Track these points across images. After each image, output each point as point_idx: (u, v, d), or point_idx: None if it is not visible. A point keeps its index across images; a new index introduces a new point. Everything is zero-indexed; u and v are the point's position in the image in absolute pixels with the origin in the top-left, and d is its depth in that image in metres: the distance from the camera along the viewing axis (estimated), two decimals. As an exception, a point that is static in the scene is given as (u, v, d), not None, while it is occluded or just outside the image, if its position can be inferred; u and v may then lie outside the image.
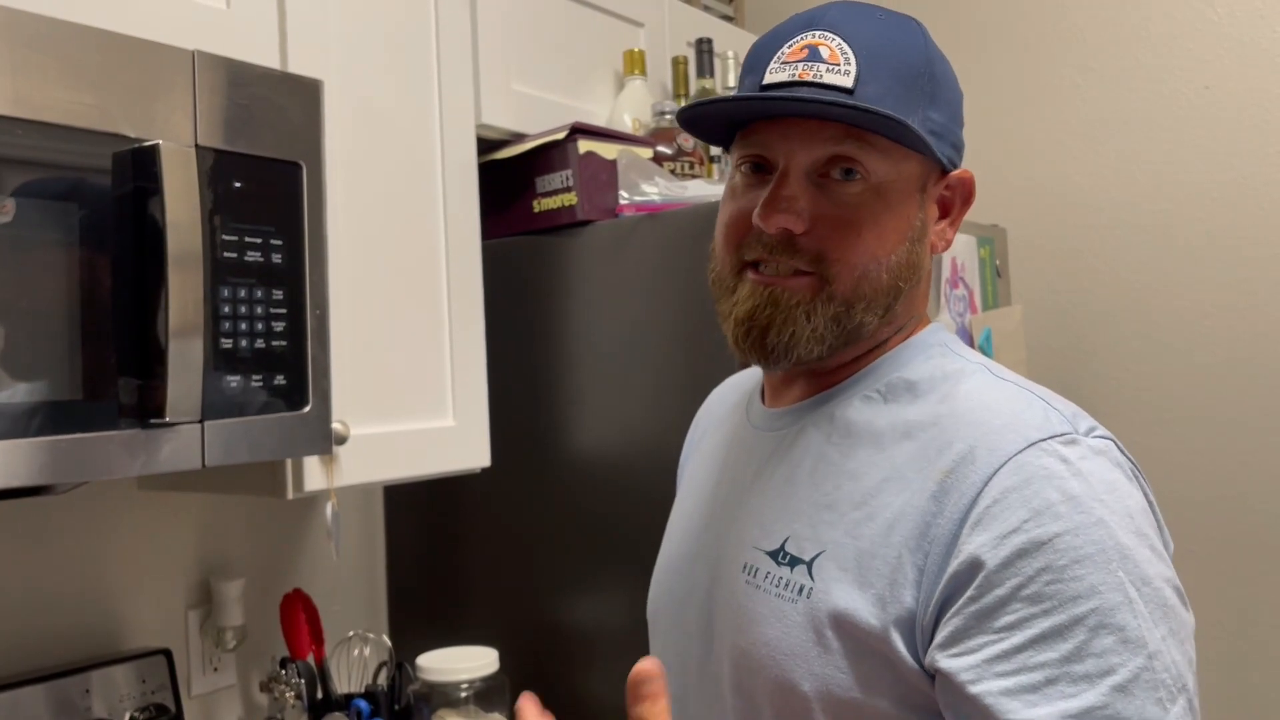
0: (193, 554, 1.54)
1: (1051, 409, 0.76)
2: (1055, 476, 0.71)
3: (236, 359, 1.09)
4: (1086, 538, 0.69)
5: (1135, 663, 0.67)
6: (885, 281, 0.81)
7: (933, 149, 0.81)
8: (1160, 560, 0.72)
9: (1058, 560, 0.69)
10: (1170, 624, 0.70)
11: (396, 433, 1.38)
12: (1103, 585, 0.68)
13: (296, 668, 1.47)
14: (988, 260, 1.90)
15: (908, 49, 0.81)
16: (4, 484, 0.91)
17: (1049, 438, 0.73)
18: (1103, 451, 0.74)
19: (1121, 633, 0.67)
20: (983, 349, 1.82)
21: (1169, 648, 0.69)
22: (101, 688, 1.31)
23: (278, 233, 1.13)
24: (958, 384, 0.80)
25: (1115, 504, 0.71)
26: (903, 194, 0.81)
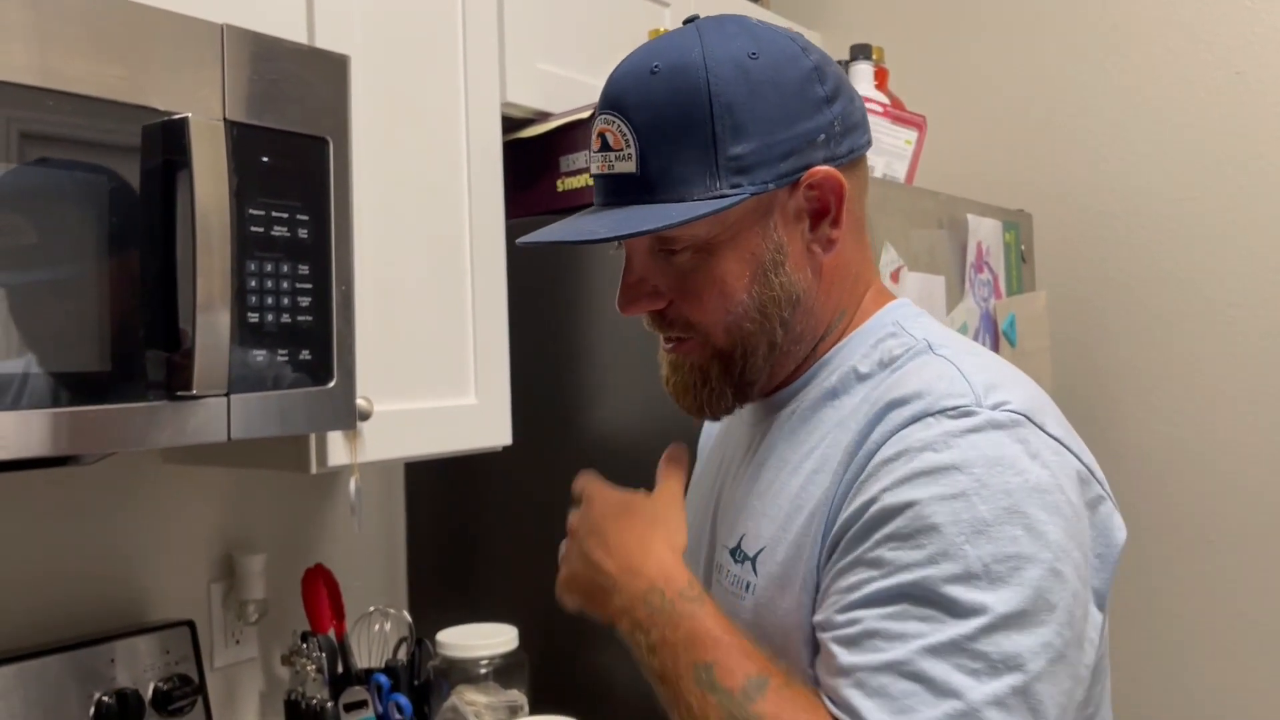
0: (216, 528, 1.55)
1: (961, 380, 0.76)
2: (928, 449, 0.72)
3: (263, 333, 1.09)
4: (940, 508, 0.70)
5: (955, 631, 0.68)
6: (748, 328, 0.83)
7: (741, 193, 0.79)
8: (1036, 541, 0.70)
9: (904, 528, 0.71)
10: (1024, 606, 0.69)
11: (419, 410, 1.38)
12: (941, 556, 0.69)
13: (318, 642, 1.48)
14: (1013, 245, 1.89)
15: (685, 101, 0.79)
16: (32, 453, 0.92)
17: (939, 411, 0.74)
18: (1003, 425, 0.73)
19: (948, 604, 0.68)
20: (1006, 335, 1.81)
21: (1009, 627, 0.68)
22: (126, 658, 1.33)
23: (304, 208, 1.14)
24: (896, 368, 0.82)
25: (989, 478, 0.71)
26: (737, 239, 0.81)
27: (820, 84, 0.82)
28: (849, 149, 0.84)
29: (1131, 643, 2.09)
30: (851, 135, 0.84)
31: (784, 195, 0.82)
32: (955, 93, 2.28)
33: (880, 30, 2.32)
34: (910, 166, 1.74)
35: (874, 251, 1.47)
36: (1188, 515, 2.05)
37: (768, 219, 0.82)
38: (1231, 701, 2.00)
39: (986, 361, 0.81)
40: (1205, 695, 2.02)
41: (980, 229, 1.77)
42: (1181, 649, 2.05)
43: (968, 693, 0.66)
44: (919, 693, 0.67)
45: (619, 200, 0.82)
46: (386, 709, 1.47)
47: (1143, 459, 2.09)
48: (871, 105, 1.73)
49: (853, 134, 0.84)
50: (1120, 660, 2.08)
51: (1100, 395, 2.12)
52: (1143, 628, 2.08)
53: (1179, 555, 2.05)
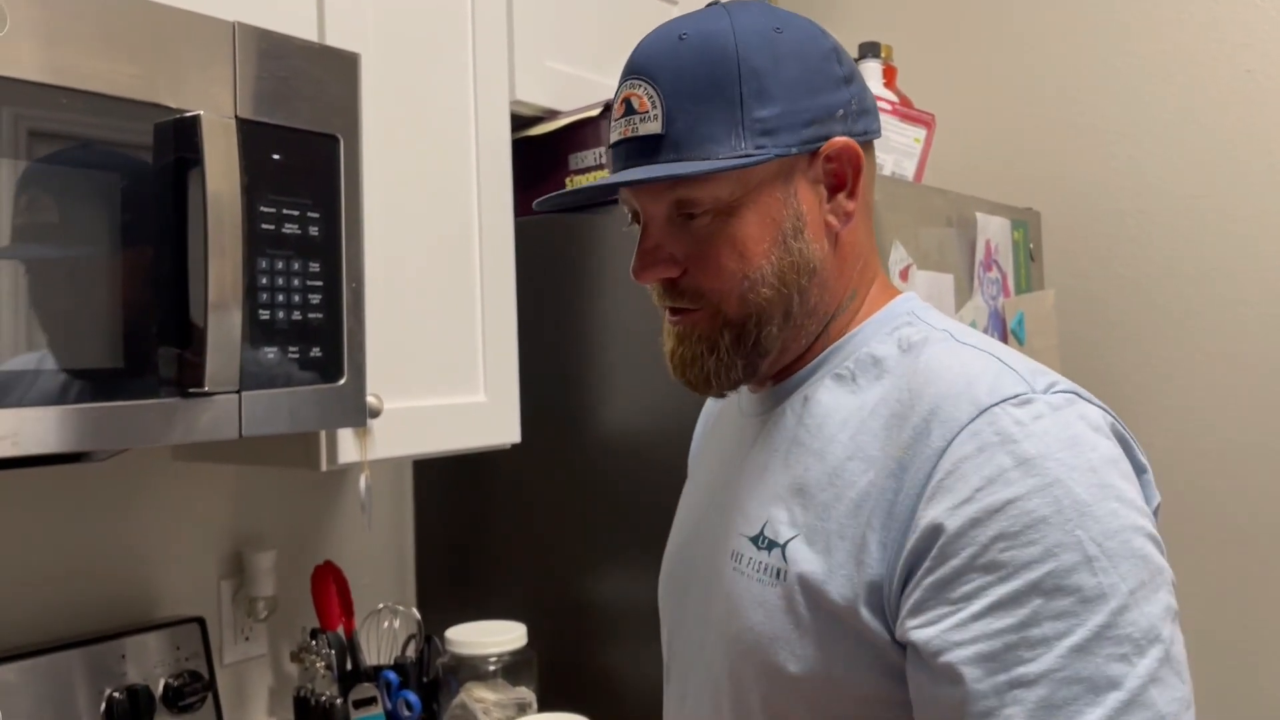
0: (226, 525, 1.56)
1: (1007, 369, 0.76)
2: (1008, 441, 0.72)
3: (274, 330, 1.09)
4: (1041, 500, 0.69)
5: (1095, 621, 0.67)
6: (766, 294, 0.83)
7: (765, 154, 0.81)
8: (1131, 509, 0.71)
9: (1011, 527, 0.69)
10: (1141, 575, 0.69)
11: (428, 407, 1.39)
12: (1058, 547, 0.68)
13: (327, 639, 1.49)
14: (1021, 243, 1.89)
15: (714, 64, 0.81)
16: (45, 449, 0.93)
17: (1001, 401, 0.74)
18: (1061, 406, 0.74)
19: (1079, 593, 0.68)
20: (1015, 333, 1.81)
21: (1138, 601, 0.68)
22: (136, 654, 1.33)
23: (315, 206, 1.14)
24: (918, 356, 0.81)
25: (1074, 460, 0.71)
26: (760, 200, 0.82)
27: (839, 64, 0.85)
28: (863, 130, 0.86)
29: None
30: (865, 118, 0.86)
31: (804, 163, 0.83)
32: (964, 90, 2.28)
33: (889, 28, 2.32)
34: (919, 164, 1.73)
35: (882, 250, 1.47)
36: (1198, 514, 2.05)
37: (788, 185, 0.83)
38: (1245, 701, 2.00)
39: (1012, 350, 0.81)
40: (1217, 694, 2.02)
41: (989, 227, 1.76)
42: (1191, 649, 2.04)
43: (1126, 680, 0.67)
44: (1081, 695, 0.66)
45: (641, 160, 0.83)
46: (395, 706, 1.47)
47: (1152, 458, 2.09)
48: (880, 103, 1.73)
49: (866, 117, 0.86)
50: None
51: (1109, 394, 2.12)
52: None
53: (1189, 554, 2.05)
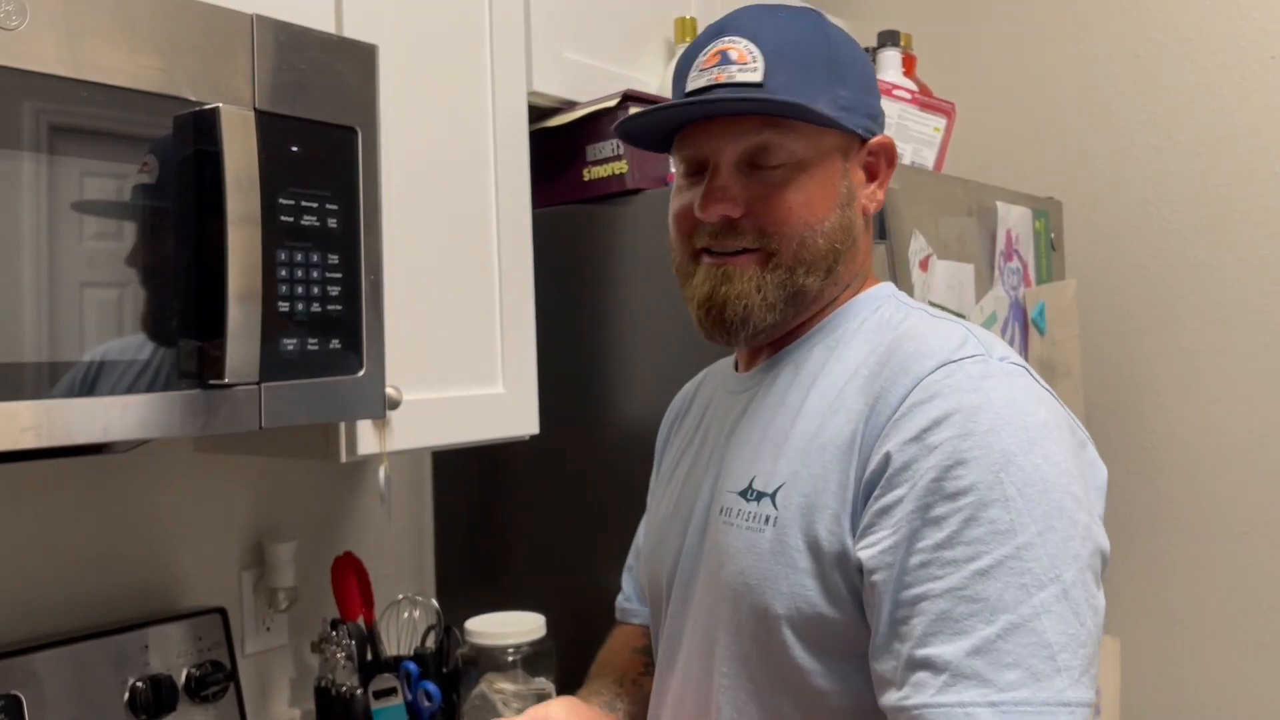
0: (246, 516, 1.56)
1: (971, 337, 0.86)
2: (957, 390, 0.80)
3: (293, 322, 1.10)
4: (974, 443, 0.77)
5: (1000, 551, 0.75)
6: (822, 245, 0.92)
7: (843, 123, 0.91)
8: (1056, 470, 0.78)
9: (944, 462, 0.77)
10: (1053, 523, 0.76)
11: (447, 399, 1.39)
12: (981, 484, 0.76)
13: (347, 629, 1.49)
14: (1042, 233, 1.87)
15: (809, 39, 0.91)
16: (66, 441, 0.93)
17: (960, 359, 0.83)
18: (1011, 374, 0.83)
19: (991, 525, 0.75)
20: (1036, 323, 1.79)
21: (1045, 542, 0.75)
22: (159, 644, 1.34)
23: (333, 197, 1.14)
24: (898, 326, 0.91)
25: (1010, 416, 0.79)
26: (825, 166, 0.92)
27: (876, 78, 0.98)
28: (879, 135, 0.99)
29: (1159, 634, 2.07)
30: (881, 124, 0.98)
31: (857, 147, 0.95)
32: (984, 79, 2.26)
33: (908, 16, 2.30)
34: (939, 154, 1.72)
35: (901, 240, 1.46)
36: (1220, 507, 2.03)
37: (845, 162, 0.94)
38: (1264, 695, 1.98)
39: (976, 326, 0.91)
40: (1235, 688, 2.00)
41: (1009, 216, 1.75)
42: (1210, 642, 2.03)
43: (1019, 606, 0.73)
44: (977, 613, 0.74)
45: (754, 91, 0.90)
46: (415, 696, 1.48)
47: (1174, 450, 2.07)
48: (899, 92, 1.72)
49: (881, 122, 0.98)
50: (1147, 651, 2.06)
51: (1131, 385, 2.10)
52: (1171, 620, 2.06)
53: (1210, 547, 2.03)
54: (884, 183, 0.97)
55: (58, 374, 0.93)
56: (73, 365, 0.94)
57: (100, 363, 0.95)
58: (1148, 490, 2.09)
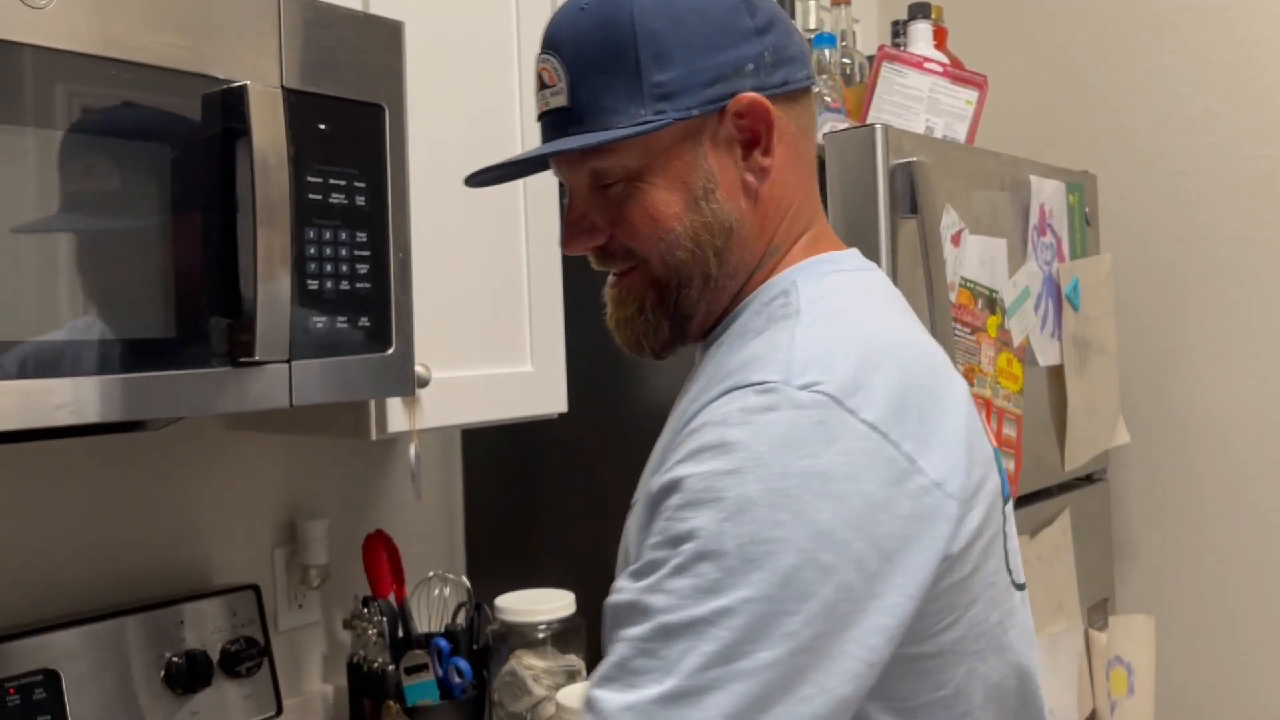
0: (279, 494, 1.58)
1: (786, 355, 0.74)
2: (723, 423, 0.72)
3: (322, 300, 1.10)
4: (710, 484, 0.69)
5: (696, 610, 0.67)
6: (684, 255, 0.83)
7: (665, 118, 0.80)
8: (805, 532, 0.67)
9: (682, 499, 0.71)
10: (770, 593, 0.66)
11: (476, 377, 1.39)
12: (701, 531, 0.68)
13: (378, 606, 1.50)
14: (1076, 207, 1.85)
15: (610, 30, 0.81)
16: (100, 419, 0.94)
17: (745, 386, 0.73)
18: (803, 406, 0.71)
19: (698, 579, 0.68)
20: (1070, 299, 1.77)
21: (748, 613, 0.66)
22: (194, 620, 1.36)
23: (361, 175, 1.14)
24: (762, 331, 0.81)
25: (771, 459, 0.69)
26: (667, 167, 0.82)
27: (750, 15, 0.82)
28: (782, 80, 0.83)
29: (1193, 612, 2.05)
30: (786, 68, 0.84)
31: (714, 123, 0.82)
32: (1016, 51, 2.23)
33: (939, -11, 2.26)
34: (971, 127, 1.70)
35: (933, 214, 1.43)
36: (1256, 484, 2.00)
37: (698, 147, 0.82)
38: (1302, 673, 1.96)
39: (834, 334, 0.77)
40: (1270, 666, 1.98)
41: (1043, 191, 1.72)
42: (1245, 619, 2.01)
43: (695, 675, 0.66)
44: (652, 670, 0.67)
45: (554, 134, 0.85)
46: (446, 672, 1.49)
47: (1210, 426, 2.04)
48: (930, 65, 1.69)
49: (787, 66, 0.84)
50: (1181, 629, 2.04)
51: (1167, 361, 2.07)
52: (1205, 598, 2.04)
53: (1245, 524, 2.00)
54: (770, 145, 0.83)
55: (91, 352, 0.94)
56: (105, 344, 0.94)
57: (132, 341, 0.96)
58: (1182, 467, 2.06)
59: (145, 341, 0.97)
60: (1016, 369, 1.62)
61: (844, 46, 1.80)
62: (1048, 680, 1.64)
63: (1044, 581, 1.66)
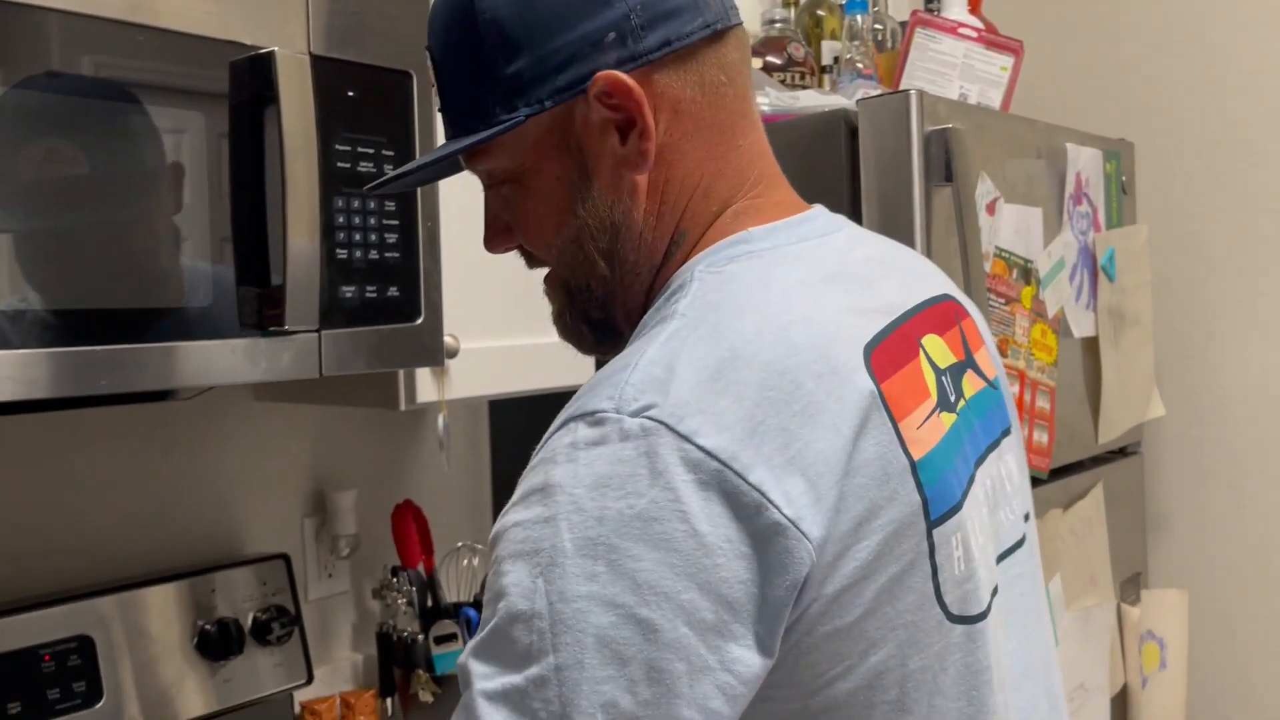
0: (308, 464, 1.58)
1: (626, 376, 0.64)
2: (551, 462, 0.64)
3: (351, 270, 1.09)
4: (529, 533, 0.62)
5: (510, 679, 0.60)
6: (572, 259, 0.75)
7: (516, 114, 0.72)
8: (622, 583, 0.59)
9: (502, 551, 0.63)
10: (584, 657, 0.59)
11: (504, 348, 1.38)
12: (516, 588, 0.61)
13: (408, 576, 1.51)
14: (1113, 176, 1.81)
15: (458, 24, 0.73)
16: (131, 388, 0.94)
17: (579, 416, 0.64)
18: (631, 436, 0.61)
19: (512, 644, 0.61)
20: (1105, 270, 1.74)
21: (564, 682, 0.59)
22: (225, 589, 1.37)
23: (389, 143, 1.13)
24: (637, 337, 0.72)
25: (589, 502, 0.61)
26: (539, 167, 0.74)
27: None
28: (662, 41, 0.71)
29: (1226, 586, 2.03)
30: (666, 25, 0.71)
31: (580, 110, 0.72)
32: (1053, 16, 2.18)
33: (972, -47, 2.22)
34: (1006, 94, 1.67)
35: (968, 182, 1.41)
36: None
37: (566, 140, 0.73)
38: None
39: (693, 342, 0.65)
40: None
41: (1079, 159, 1.69)
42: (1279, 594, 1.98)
43: None
44: None
45: (446, 136, 0.78)
46: (475, 642, 1.49)
47: (1245, 399, 2.01)
48: (964, 30, 1.66)
49: (667, 23, 0.71)
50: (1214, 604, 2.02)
51: (1203, 334, 2.04)
52: (1239, 572, 2.01)
53: None
54: (645, 124, 0.71)
55: (123, 320, 0.93)
56: (135, 313, 0.94)
57: (162, 310, 0.96)
58: (1217, 441, 2.03)
59: (175, 310, 0.97)
60: (1051, 340, 1.60)
61: (876, 12, 1.77)
62: (1079, 654, 1.63)
63: (1076, 555, 1.64)
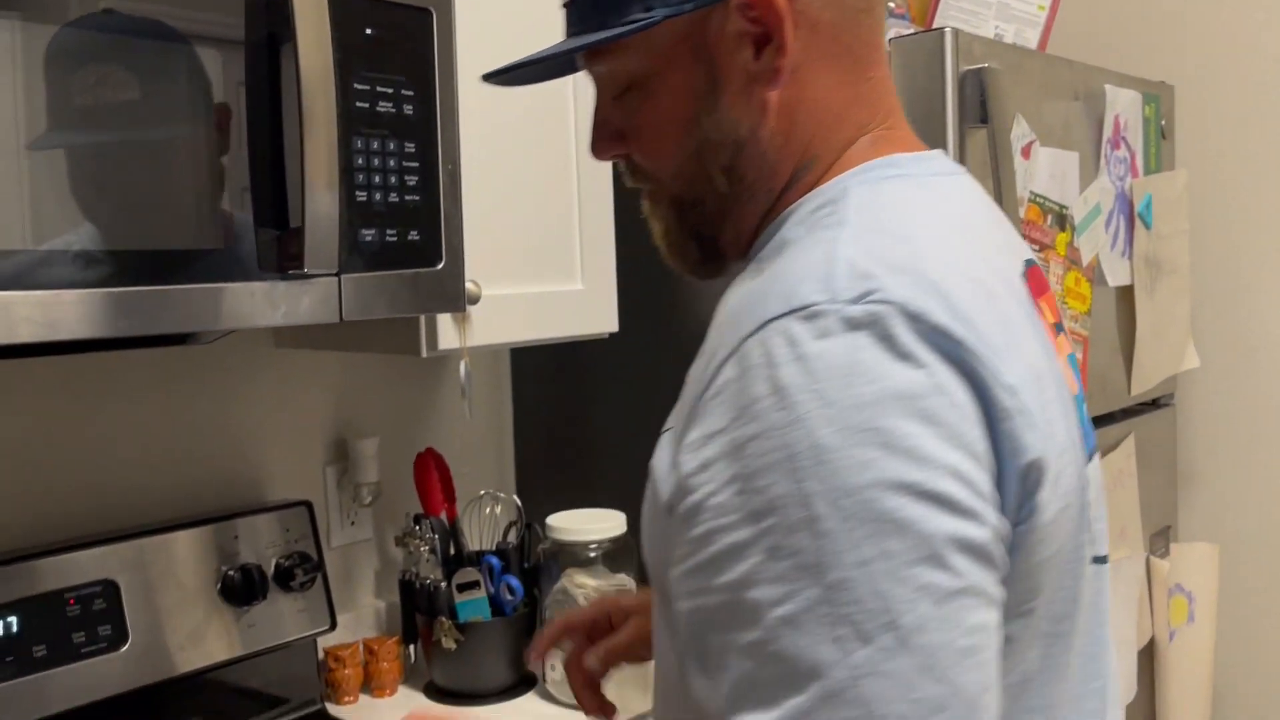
0: (329, 412, 1.57)
1: (830, 269, 0.62)
2: (771, 364, 0.59)
3: (371, 212, 1.07)
4: (777, 441, 0.58)
5: (808, 593, 0.56)
6: (692, 172, 0.74)
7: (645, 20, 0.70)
8: (899, 460, 0.56)
9: (745, 470, 0.59)
10: (885, 545, 0.55)
11: (526, 294, 1.36)
12: (783, 500, 0.57)
13: (430, 524, 1.51)
14: (1152, 119, 1.76)
15: None
16: (152, 330, 0.93)
17: (786, 313, 0.60)
18: (859, 324, 0.59)
19: (796, 557, 0.56)
20: (1142, 217, 1.70)
21: (872, 576, 0.55)
22: (248, 535, 1.37)
23: (409, 83, 1.10)
24: (798, 244, 0.69)
25: (836, 394, 0.57)
26: (668, 73, 0.72)
27: None
28: None
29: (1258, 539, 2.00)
30: None
31: (718, 18, 0.70)
32: (1091, -45, 2.11)
33: (1009, -112, 2.14)
34: (1043, 33, 1.61)
35: (1003, 124, 1.37)
36: None
37: (698, 48, 0.71)
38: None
39: (891, 239, 0.65)
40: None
41: (1118, 101, 1.64)
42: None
43: (833, 668, 0.55)
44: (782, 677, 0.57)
45: (568, 31, 0.76)
46: (498, 590, 1.49)
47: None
48: (1002, -33, 1.60)
49: None
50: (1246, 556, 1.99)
51: (1239, 283, 1.99)
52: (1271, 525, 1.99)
53: (1319, 452, 1.94)
54: (783, 42, 0.69)
55: (141, 263, 0.92)
56: (155, 255, 0.93)
57: (181, 252, 0.94)
58: (1252, 394, 1.99)
59: (194, 253, 0.96)
60: (1085, 289, 1.56)
61: (909, -51, 1.72)
62: (1107, 607, 1.61)
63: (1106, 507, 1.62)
